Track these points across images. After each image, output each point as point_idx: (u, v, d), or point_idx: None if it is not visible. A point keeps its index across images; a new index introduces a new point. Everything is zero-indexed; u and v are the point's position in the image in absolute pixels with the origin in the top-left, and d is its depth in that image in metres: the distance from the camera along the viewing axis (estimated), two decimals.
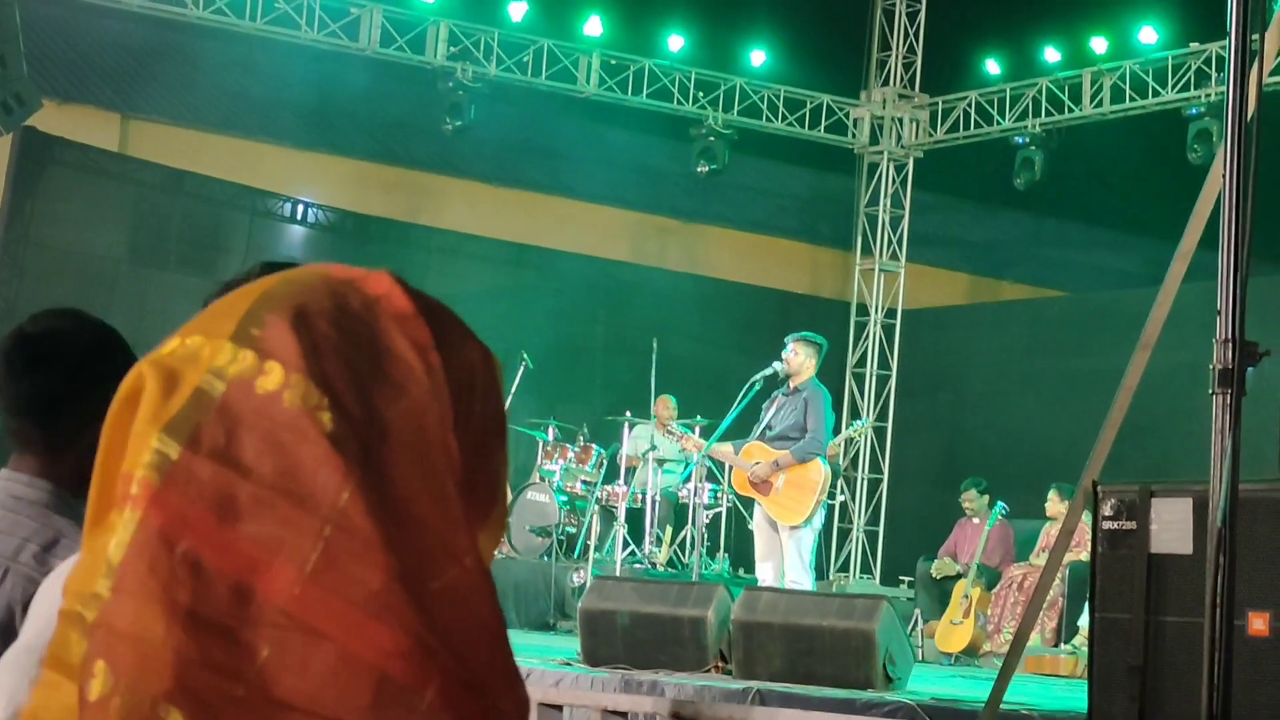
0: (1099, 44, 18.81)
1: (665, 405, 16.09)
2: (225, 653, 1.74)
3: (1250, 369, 4.23)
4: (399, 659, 1.74)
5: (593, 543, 14.94)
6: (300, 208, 19.79)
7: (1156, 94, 18.18)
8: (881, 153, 20.91)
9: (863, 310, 21.03)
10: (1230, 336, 4.12)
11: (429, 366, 1.88)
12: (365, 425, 1.81)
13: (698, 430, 14.42)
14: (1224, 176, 4.13)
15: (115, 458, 1.85)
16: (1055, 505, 14.18)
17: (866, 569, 20.25)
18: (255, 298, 1.89)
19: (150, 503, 1.77)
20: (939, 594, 14.56)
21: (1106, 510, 5.57)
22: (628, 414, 15.74)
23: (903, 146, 20.91)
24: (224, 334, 1.84)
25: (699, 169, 20.31)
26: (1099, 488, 5.65)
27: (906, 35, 20.73)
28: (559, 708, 5.79)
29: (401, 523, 1.79)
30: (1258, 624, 5.09)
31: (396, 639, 1.74)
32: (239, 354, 1.82)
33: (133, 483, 1.79)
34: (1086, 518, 7.09)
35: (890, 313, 20.93)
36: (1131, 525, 5.50)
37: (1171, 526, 5.37)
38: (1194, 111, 17.56)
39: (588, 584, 10.70)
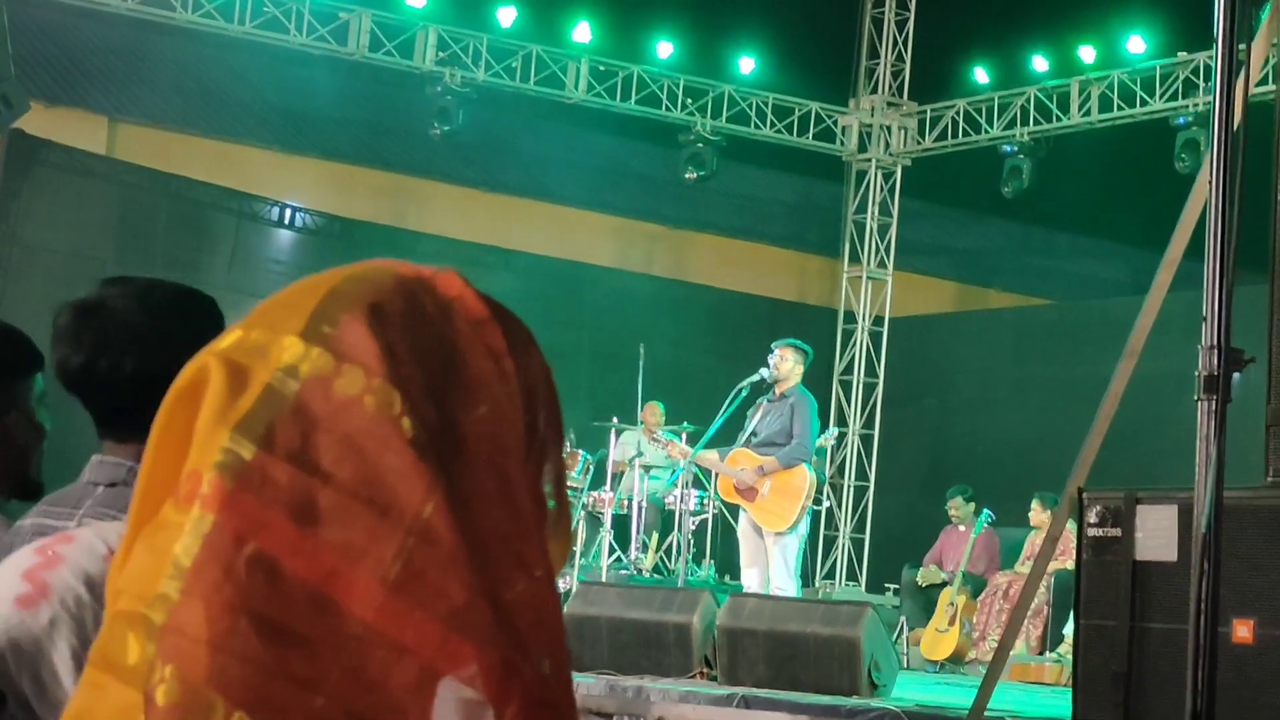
0: (1087, 53, 18.83)
1: (653, 412, 16.08)
2: (303, 663, 1.69)
3: (1235, 376, 4.23)
4: (483, 674, 1.70)
5: (579, 549, 14.93)
6: (287, 211, 19.77)
7: (1144, 103, 18.21)
8: (870, 160, 20.92)
9: (850, 318, 21.04)
10: (1215, 343, 4.13)
11: (504, 374, 1.84)
12: (440, 433, 1.77)
13: (684, 437, 14.42)
14: (1210, 184, 4.14)
15: (172, 453, 1.78)
16: (1038, 515, 14.20)
17: (852, 576, 20.25)
18: (324, 293, 1.82)
19: (224, 505, 1.71)
20: (924, 601, 14.57)
21: (1092, 517, 5.58)
22: (614, 420, 15.73)
23: (891, 154, 20.93)
24: (292, 330, 1.78)
25: (687, 176, 20.31)
26: (1084, 494, 5.66)
27: (895, 43, 20.75)
28: None
29: (476, 533, 1.75)
30: (1242, 631, 5.10)
31: (480, 654, 1.70)
32: (310, 352, 1.76)
33: (202, 482, 1.72)
34: (1072, 526, 7.10)
35: (877, 320, 20.95)
36: (1116, 532, 5.51)
37: (1156, 533, 5.38)
38: (1181, 121, 17.58)
39: (573, 590, 10.70)
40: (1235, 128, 4.33)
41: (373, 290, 1.82)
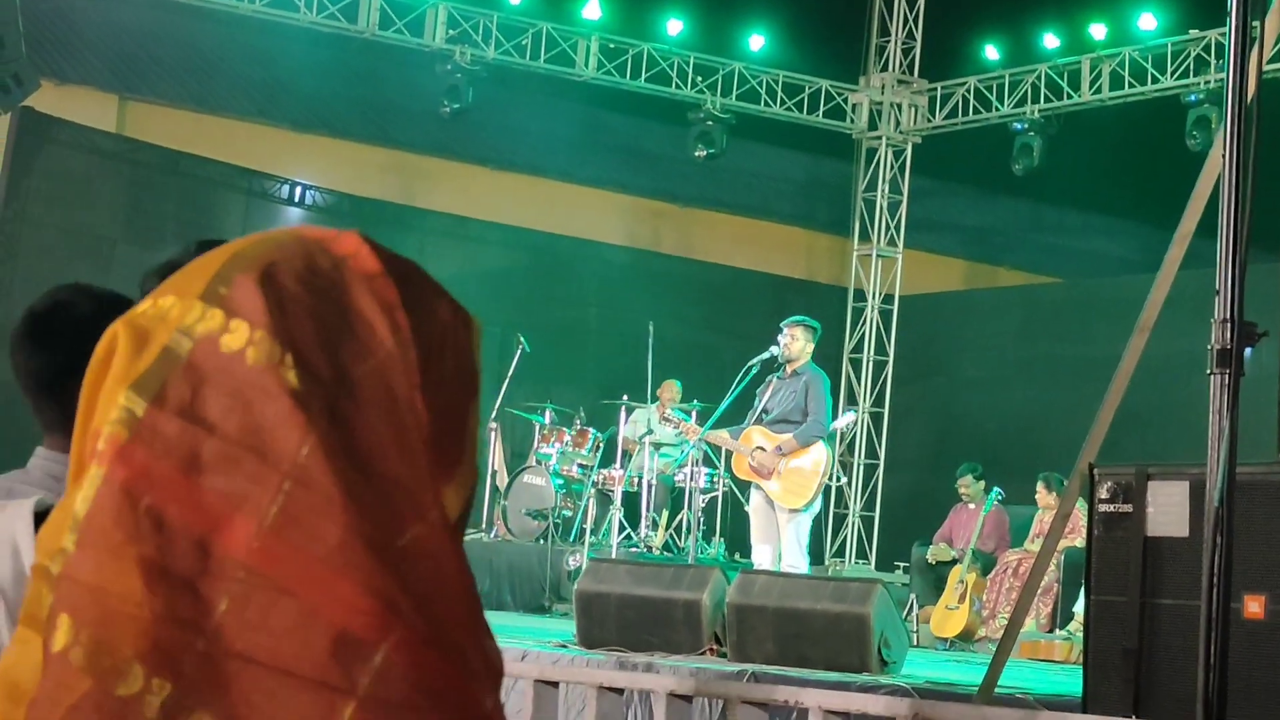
0: (1098, 30, 18.79)
1: (669, 389, 16.07)
2: (187, 606, 1.74)
3: (1248, 354, 4.22)
4: (359, 614, 1.74)
5: (589, 526, 14.93)
6: (296, 189, 19.77)
7: (1155, 81, 18.16)
8: (880, 138, 20.88)
9: (860, 296, 21.02)
10: (1229, 316, 4.12)
11: (395, 326, 1.88)
12: (333, 383, 1.82)
13: (694, 415, 14.41)
14: (1224, 157, 4.12)
15: (90, 418, 1.86)
16: (1043, 496, 14.19)
17: (862, 554, 20.26)
18: (226, 258, 1.89)
19: (115, 458, 1.78)
20: (934, 579, 14.56)
21: (1103, 493, 5.57)
22: (624, 398, 15.73)
23: (901, 132, 20.89)
24: (194, 293, 1.85)
25: (697, 154, 20.28)
26: (1095, 470, 5.65)
27: (906, 21, 20.71)
28: (555, 684, 5.79)
29: (368, 479, 1.79)
30: (1253, 607, 5.10)
31: (357, 594, 1.74)
32: (207, 312, 1.83)
33: (100, 439, 1.80)
34: (1082, 505, 7.09)
35: (887, 298, 20.92)
36: (1128, 508, 5.50)
37: (1168, 509, 5.37)
38: (1193, 98, 17.53)
39: (583, 567, 10.70)
40: (1249, 100, 4.31)
41: (272, 250, 1.90)
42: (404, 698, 1.75)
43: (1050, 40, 19.41)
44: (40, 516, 2.43)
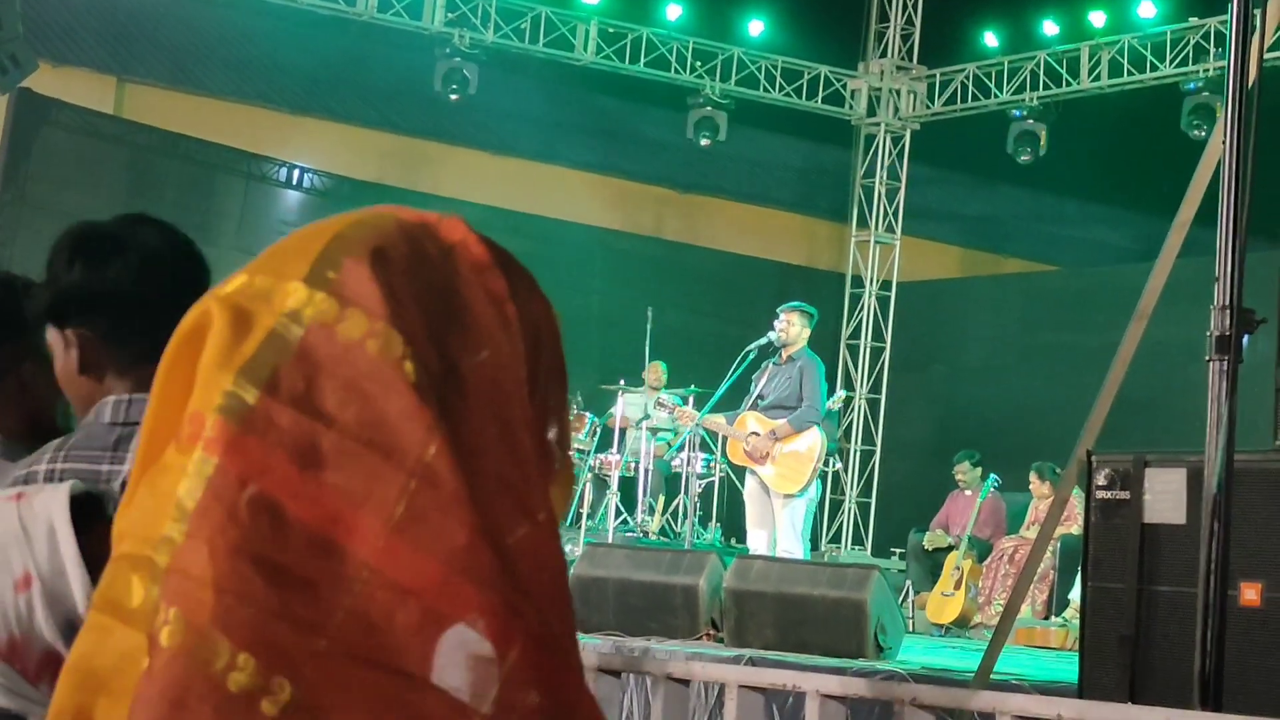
0: (1097, 18, 18.77)
1: (654, 371, 16.10)
2: (306, 605, 1.69)
3: (1246, 340, 4.22)
4: (485, 617, 1.70)
5: (585, 511, 14.93)
6: (295, 172, 19.76)
7: (1155, 68, 18.16)
8: (878, 125, 20.88)
9: (858, 282, 21.02)
10: (1228, 303, 4.12)
11: (505, 319, 1.84)
12: (442, 377, 1.77)
13: (690, 400, 14.42)
14: (1224, 144, 4.12)
15: (176, 396, 1.79)
16: (1037, 485, 14.20)
17: (858, 540, 20.27)
18: (328, 239, 1.83)
19: (227, 448, 1.72)
20: (930, 566, 14.57)
21: (1100, 480, 5.57)
22: (621, 383, 15.72)
23: (900, 118, 20.88)
24: (296, 275, 1.79)
25: (702, 142, 20.26)
26: (1093, 457, 5.64)
27: (905, 7, 20.69)
28: None
29: (477, 477, 1.75)
30: (1250, 594, 5.10)
31: (482, 597, 1.70)
32: (314, 297, 1.77)
33: (204, 425, 1.73)
34: (1078, 492, 7.09)
35: (885, 285, 20.92)
36: (1125, 495, 5.50)
37: (1165, 496, 5.37)
38: (1192, 86, 17.54)
39: (580, 552, 10.70)
40: (1249, 88, 4.31)
41: (376, 235, 1.83)
42: (531, 702, 1.72)
43: (1050, 27, 19.40)
44: (76, 502, 2.38)
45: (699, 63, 20.05)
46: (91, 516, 2.35)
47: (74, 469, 2.67)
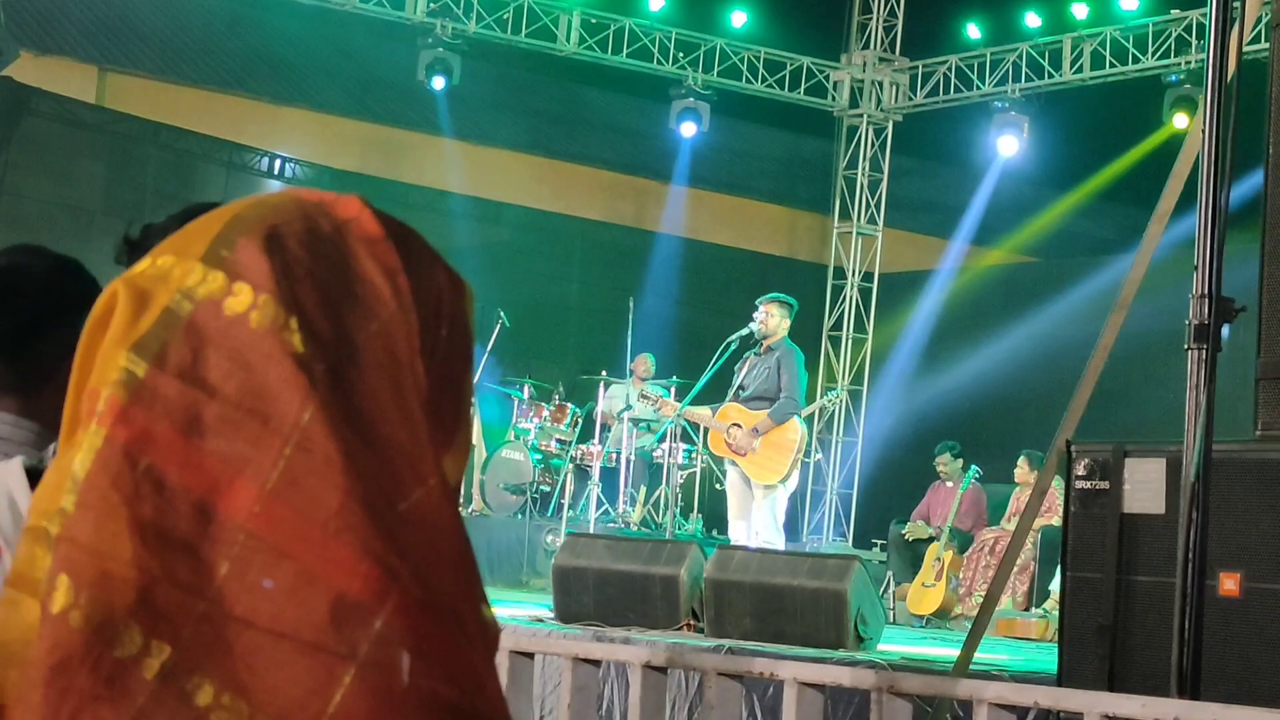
0: (1080, 10, 18.78)
1: (643, 363, 16.10)
2: (187, 569, 1.74)
3: (1225, 332, 4.23)
4: (358, 578, 1.74)
5: (567, 501, 14.94)
6: (277, 162, 19.74)
7: (1136, 61, 18.18)
8: (861, 116, 20.87)
9: (840, 274, 21.02)
10: (1206, 292, 4.13)
11: (397, 290, 1.88)
12: (335, 347, 1.82)
13: (673, 391, 14.43)
14: (1203, 132, 4.13)
15: (86, 377, 1.85)
16: (1024, 473, 14.21)
17: (839, 531, 20.28)
18: (227, 220, 1.88)
19: (116, 419, 1.77)
20: (911, 557, 14.59)
21: (1080, 470, 5.58)
22: (603, 373, 15.73)
23: (882, 110, 20.88)
24: (195, 255, 1.85)
25: (684, 133, 20.25)
26: (1072, 447, 5.65)
27: None
28: (530, 655, 5.79)
29: (370, 443, 1.80)
30: (1229, 584, 5.10)
31: (356, 558, 1.74)
32: (209, 275, 1.82)
33: (99, 399, 1.79)
34: (1058, 482, 7.09)
35: (867, 276, 20.93)
36: (1104, 485, 5.50)
37: (1144, 486, 5.38)
38: (1173, 79, 17.57)
39: (562, 541, 10.70)
40: (1229, 80, 4.32)
41: (272, 214, 1.89)
42: (403, 663, 1.75)
43: (1032, 19, 19.41)
44: (29, 474, 2.42)
45: (681, 54, 20.04)
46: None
47: None
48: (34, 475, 2.43)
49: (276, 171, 19.70)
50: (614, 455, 15.33)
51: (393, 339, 1.86)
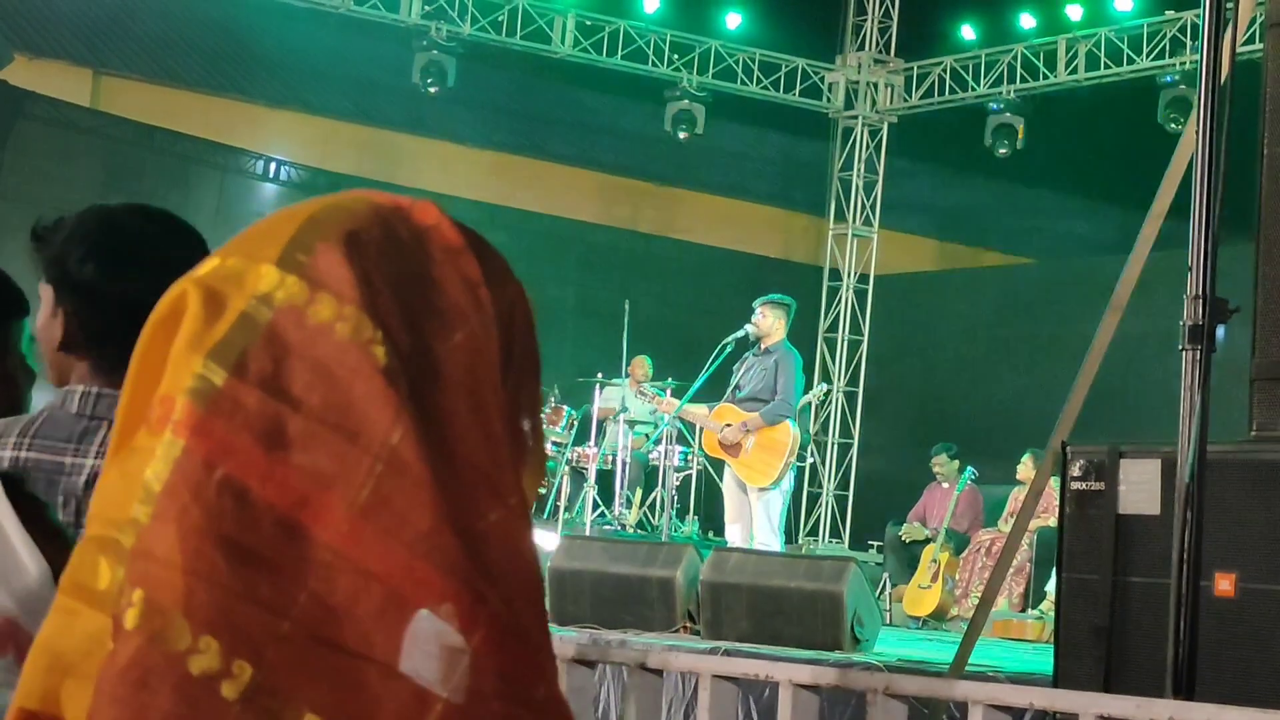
0: (1074, 11, 18.79)
1: (640, 365, 16.09)
2: (270, 587, 1.69)
3: (1220, 333, 4.23)
4: (449, 603, 1.70)
5: (562, 504, 14.93)
6: (272, 165, 19.74)
7: (1131, 62, 18.19)
8: (856, 118, 20.88)
9: (835, 275, 21.02)
10: (1201, 293, 4.13)
11: (478, 303, 1.83)
12: (414, 361, 1.77)
13: (668, 393, 14.43)
14: (1197, 134, 4.13)
15: (149, 378, 1.78)
16: (1028, 471, 14.18)
17: (835, 533, 20.29)
18: (301, 222, 1.82)
19: (194, 430, 1.71)
20: (907, 558, 14.59)
21: (1075, 471, 5.58)
22: (599, 376, 15.72)
23: (877, 112, 20.89)
24: (268, 258, 1.78)
25: (681, 135, 20.24)
26: (1068, 448, 5.65)
27: (882, 0, 20.69)
28: None
29: (449, 461, 1.74)
30: (1224, 585, 5.10)
31: (446, 582, 1.70)
32: (285, 280, 1.76)
33: (174, 407, 1.72)
34: (1054, 482, 7.09)
35: (863, 278, 20.92)
36: (1100, 486, 5.51)
37: (1140, 487, 5.38)
38: (1168, 80, 17.58)
39: (557, 544, 10.70)
40: (1222, 82, 4.32)
41: (350, 219, 1.82)
42: (493, 688, 1.71)
43: (1026, 20, 19.41)
44: (4, 479, 2.39)
45: (676, 56, 20.04)
46: (16, 494, 2.35)
47: (37, 458, 2.67)
48: (7, 481, 2.41)
49: (271, 174, 19.70)
50: (610, 457, 15.32)
51: (473, 354, 1.81)
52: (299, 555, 1.70)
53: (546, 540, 11.87)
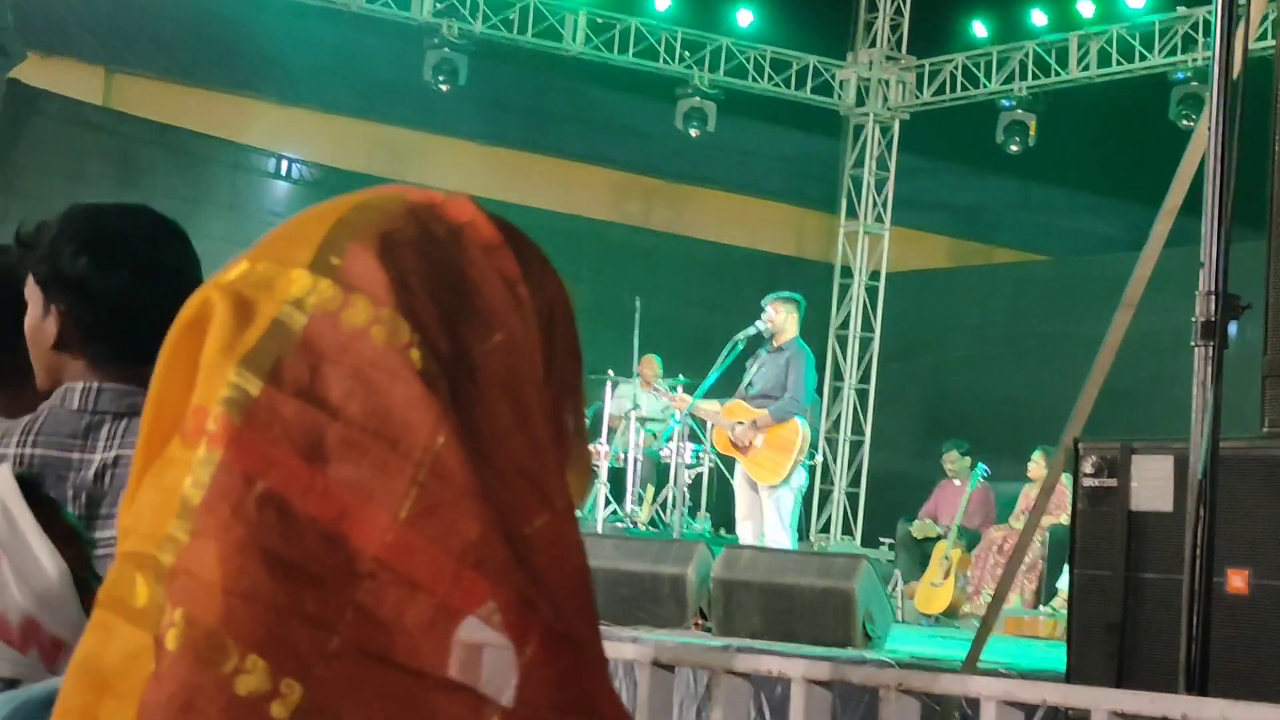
0: (1086, 8, 18.76)
1: (649, 364, 16.09)
2: (316, 602, 1.64)
3: (1232, 330, 4.23)
4: (500, 612, 1.66)
5: None
6: (284, 163, 19.75)
7: (1143, 58, 18.16)
8: (867, 115, 20.87)
9: (847, 273, 21.01)
10: (1213, 289, 4.13)
11: (517, 301, 1.79)
12: (453, 363, 1.72)
13: (679, 390, 14.43)
14: (1209, 128, 4.13)
15: (177, 386, 1.73)
16: (1039, 469, 14.17)
17: (847, 530, 20.27)
18: (331, 224, 1.77)
19: (231, 441, 1.66)
20: (919, 555, 14.57)
21: (1087, 467, 5.58)
22: (610, 373, 15.72)
23: (889, 109, 20.87)
24: (300, 262, 1.73)
25: (692, 133, 20.23)
26: (1080, 445, 5.66)
27: None
28: None
29: (493, 466, 1.69)
30: (1236, 581, 5.11)
31: (496, 590, 1.66)
32: (318, 284, 1.71)
33: (208, 418, 1.67)
34: (1066, 479, 7.09)
35: (874, 275, 20.92)
36: (1112, 483, 5.51)
37: (1152, 484, 5.38)
38: (1180, 76, 17.55)
39: None
40: (1234, 78, 4.32)
41: (382, 218, 1.78)
42: (548, 699, 1.67)
43: (1038, 17, 19.38)
44: (20, 481, 2.38)
45: (687, 53, 20.04)
46: (31, 495, 2.35)
47: (45, 455, 2.68)
48: (22, 483, 2.40)
49: (283, 172, 19.71)
50: (621, 455, 15.32)
51: (513, 354, 1.76)
52: (344, 568, 1.65)
53: None
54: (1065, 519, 12.05)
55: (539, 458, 1.75)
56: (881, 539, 17.95)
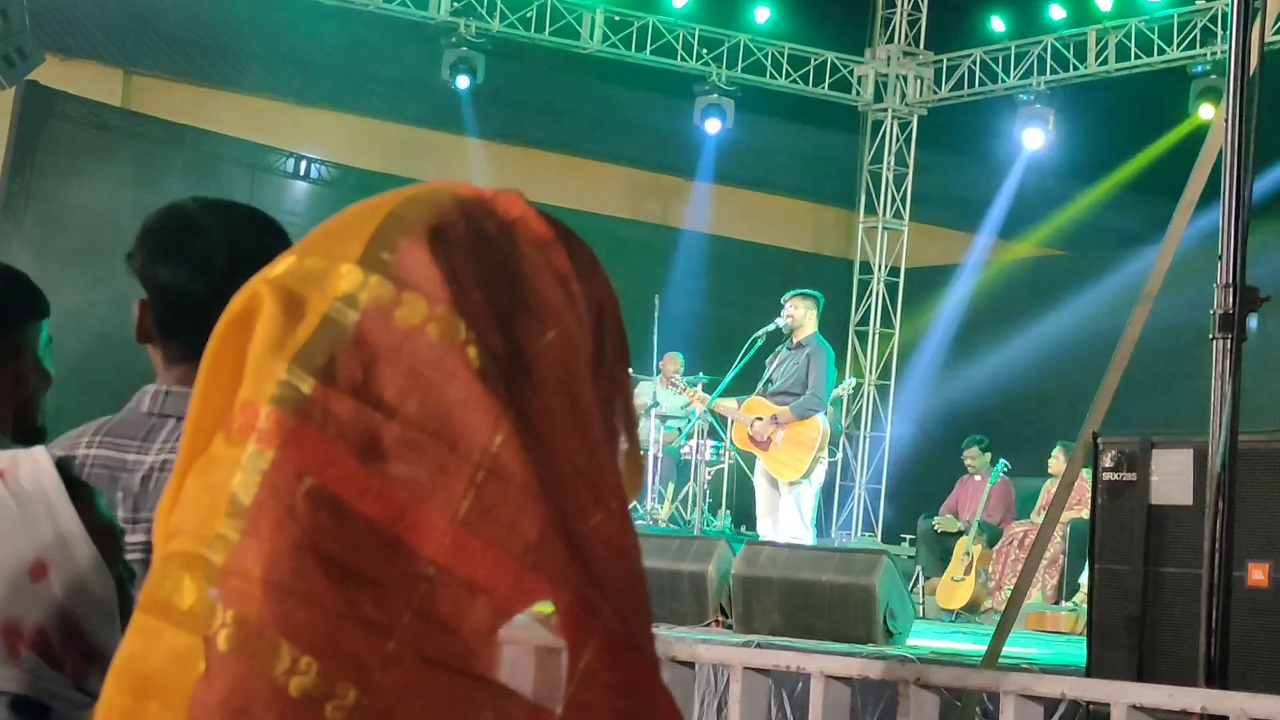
0: (1104, 2, 18.72)
1: (672, 361, 16.10)
2: (372, 605, 1.60)
3: (1252, 323, 4.23)
4: (559, 615, 1.63)
5: None
6: (303, 163, 19.76)
7: (1162, 52, 18.13)
8: (885, 110, 20.85)
9: (866, 269, 21.01)
10: (1231, 281, 4.13)
11: (570, 298, 1.76)
12: (508, 361, 1.68)
13: (699, 388, 14.44)
14: (1226, 123, 4.13)
15: (222, 381, 1.70)
16: (1059, 464, 14.15)
17: (868, 526, 20.27)
18: (381, 218, 1.73)
19: (284, 440, 1.62)
20: (940, 551, 14.58)
21: (1107, 461, 5.58)
22: (630, 371, 15.72)
23: (907, 104, 20.85)
24: (350, 257, 1.69)
25: (708, 129, 20.24)
26: (1099, 439, 5.65)
27: None
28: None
29: (550, 465, 1.65)
30: (1257, 575, 5.10)
31: (556, 593, 1.62)
32: (369, 280, 1.67)
33: (258, 415, 1.63)
34: (1087, 473, 7.08)
35: (893, 271, 20.91)
36: (1132, 477, 5.51)
37: (1172, 478, 5.38)
38: (1199, 70, 17.52)
39: None
40: (1251, 72, 4.32)
41: (433, 213, 1.75)
42: (609, 703, 1.64)
43: (1056, 11, 19.35)
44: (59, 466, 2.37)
45: (705, 50, 20.04)
46: (71, 482, 2.33)
47: (103, 455, 2.70)
48: (60, 468, 2.40)
49: (302, 172, 19.73)
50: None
51: (567, 351, 1.72)
52: (401, 571, 1.62)
53: None
54: (1086, 513, 12.04)
55: (594, 456, 1.72)
56: (902, 535, 17.95)
